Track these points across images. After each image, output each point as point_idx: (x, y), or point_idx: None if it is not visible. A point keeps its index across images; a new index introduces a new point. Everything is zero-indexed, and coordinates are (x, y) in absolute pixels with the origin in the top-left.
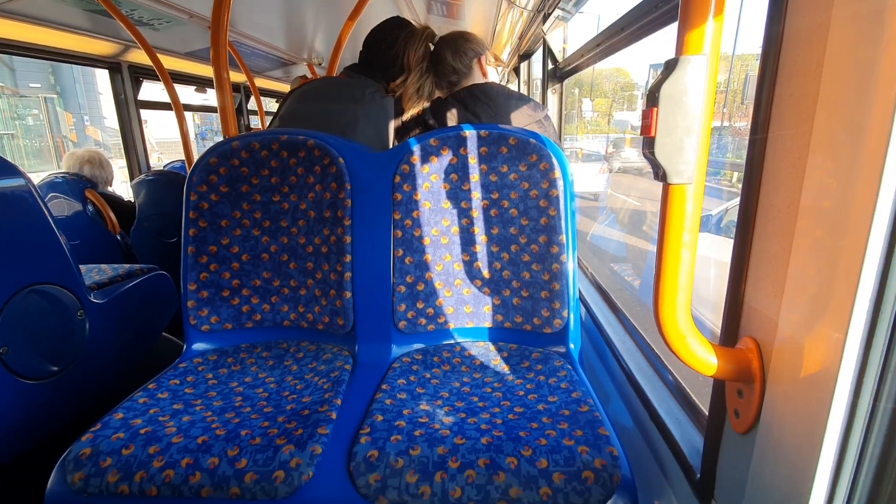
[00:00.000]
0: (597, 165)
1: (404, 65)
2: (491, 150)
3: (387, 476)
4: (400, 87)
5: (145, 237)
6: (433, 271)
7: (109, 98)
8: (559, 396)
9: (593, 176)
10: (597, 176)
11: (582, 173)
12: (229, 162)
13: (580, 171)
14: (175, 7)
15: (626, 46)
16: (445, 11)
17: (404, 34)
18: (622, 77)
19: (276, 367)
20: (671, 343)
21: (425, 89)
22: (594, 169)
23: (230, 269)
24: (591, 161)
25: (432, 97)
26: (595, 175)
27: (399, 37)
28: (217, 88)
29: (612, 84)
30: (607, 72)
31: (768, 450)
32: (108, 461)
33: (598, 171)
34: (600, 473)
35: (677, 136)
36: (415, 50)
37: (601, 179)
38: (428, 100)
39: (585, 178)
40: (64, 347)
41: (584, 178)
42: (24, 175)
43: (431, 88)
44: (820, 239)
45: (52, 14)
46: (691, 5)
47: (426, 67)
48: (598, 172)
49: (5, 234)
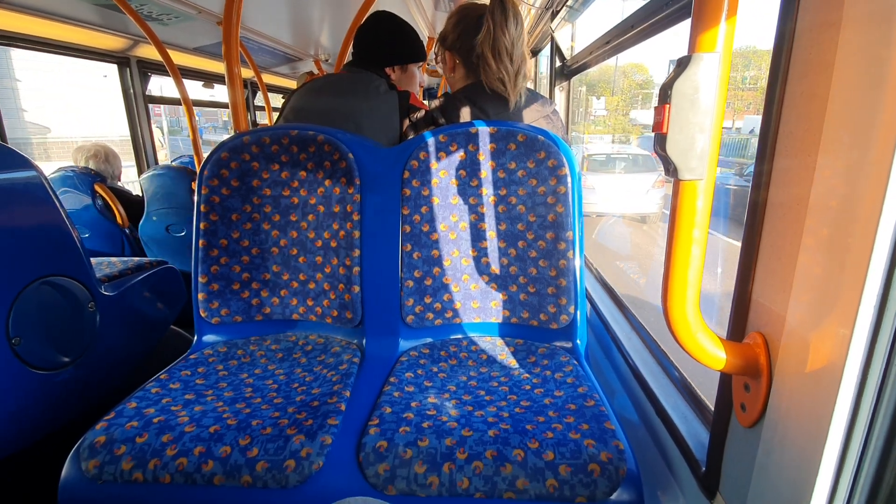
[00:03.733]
0: (649, 178)
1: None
2: (499, 147)
3: (396, 466)
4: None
5: (154, 231)
6: (441, 266)
7: (30, 86)
8: (565, 391)
9: (644, 193)
10: (649, 192)
11: (624, 188)
12: (240, 157)
13: (619, 184)
14: (184, 2)
15: (636, 44)
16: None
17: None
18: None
19: (285, 359)
20: (680, 338)
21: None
22: (646, 182)
23: (240, 263)
24: (639, 170)
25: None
26: (647, 192)
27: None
28: (228, 84)
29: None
30: (624, 68)
31: (774, 443)
32: (122, 449)
33: (651, 186)
34: (606, 466)
35: (689, 133)
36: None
37: (655, 197)
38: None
39: (632, 195)
40: (75, 338)
41: (629, 196)
42: (37, 168)
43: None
44: (828, 236)
45: (61, 8)
46: (705, 4)
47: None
48: (651, 187)
49: (19, 227)
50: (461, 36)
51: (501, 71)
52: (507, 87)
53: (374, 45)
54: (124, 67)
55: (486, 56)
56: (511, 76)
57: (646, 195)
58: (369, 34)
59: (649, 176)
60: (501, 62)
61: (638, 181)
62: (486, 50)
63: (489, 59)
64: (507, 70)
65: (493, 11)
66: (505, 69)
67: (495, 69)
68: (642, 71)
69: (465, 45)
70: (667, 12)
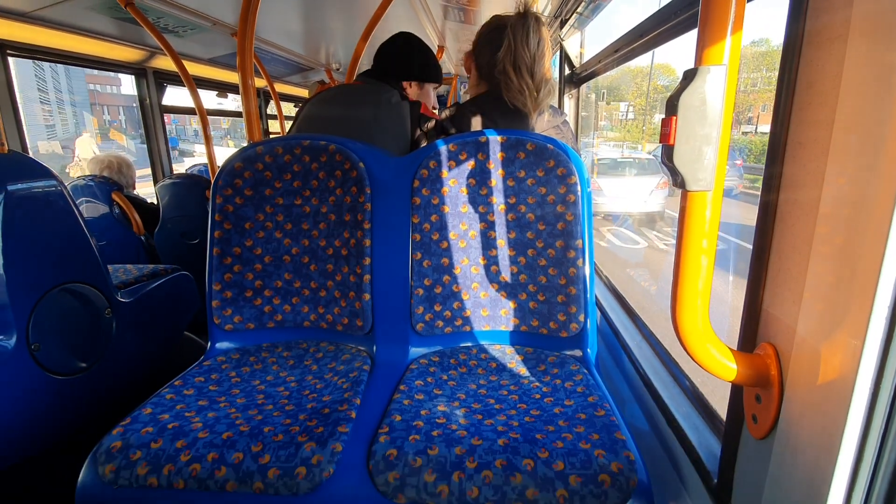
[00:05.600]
0: (653, 180)
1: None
2: (509, 156)
3: (405, 475)
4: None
5: (168, 238)
6: (451, 274)
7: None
8: (575, 400)
9: (648, 194)
10: (653, 193)
11: (630, 190)
12: (253, 166)
13: (626, 186)
14: (200, 14)
15: (645, 52)
16: (462, 17)
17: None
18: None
19: (296, 366)
20: (690, 349)
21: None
22: (650, 184)
23: (253, 271)
24: (644, 173)
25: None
26: (651, 192)
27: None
28: (243, 94)
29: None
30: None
31: (786, 455)
32: (137, 454)
33: (655, 187)
34: (617, 477)
35: (696, 145)
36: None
37: (659, 198)
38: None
39: (637, 196)
40: (92, 344)
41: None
42: (56, 178)
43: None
44: (838, 246)
45: (83, 22)
46: (710, 18)
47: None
48: (655, 188)
49: (39, 235)
50: (479, 44)
51: (522, 86)
52: (528, 102)
53: (397, 59)
54: (141, 78)
55: (508, 71)
56: (532, 91)
57: (650, 196)
58: (394, 49)
59: (654, 178)
60: (522, 77)
61: (642, 183)
62: (507, 65)
63: (510, 73)
64: (528, 85)
65: (515, 26)
66: (526, 84)
67: (516, 84)
68: (669, 73)
69: (482, 55)
70: (674, 21)
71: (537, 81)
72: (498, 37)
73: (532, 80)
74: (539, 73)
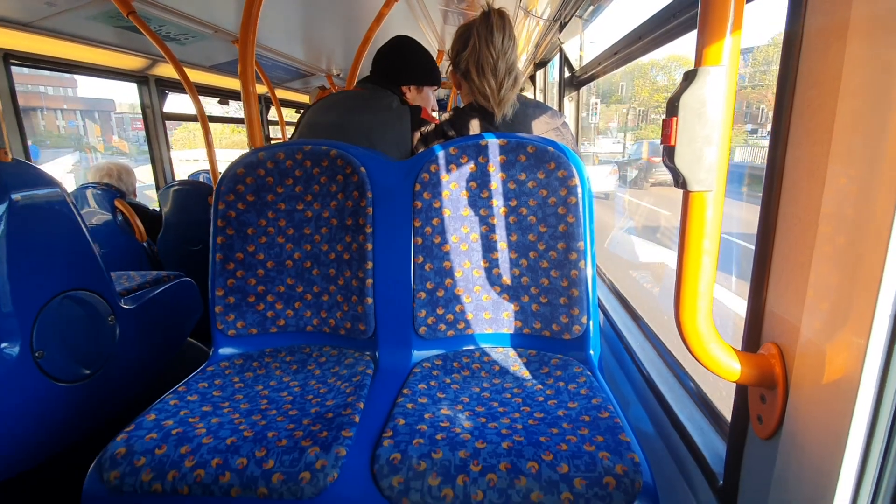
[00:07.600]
0: (607, 167)
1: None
2: (509, 159)
3: (410, 478)
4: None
5: (171, 245)
6: (453, 278)
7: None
8: (579, 402)
9: (604, 177)
10: (607, 177)
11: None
12: (255, 172)
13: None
14: (201, 22)
15: (644, 54)
16: (461, 22)
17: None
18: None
19: (299, 371)
20: (693, 349)
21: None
22: (606, 170)
23: (256, 276)
24: (602, 163)
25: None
26: (606, 176)
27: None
28: (244, 101)
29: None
30: (664, 62)
31: (792, 455)
32: (142, 460)
33: (608, 174)
34: (622, 479)
35: (697, 146)
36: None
37: (612, 181)
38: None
39: (596, 179)
40: (96, 351)
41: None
42: (59, 185)
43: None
44: (841, 245)
45: (85, 31)
46: (710, 19)
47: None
48: (608, 174)
49: (43, 242)
50: (455, 53)
51: (484, 86)
52: (491, 102)
53: (394, 64)
54: (143, 86)
55: (470, 72)
56: (493, 91)
57: (605, 179)
58: (391, 54)
59: (608, 167)
60: (484, 77)
61: (600, 170)
62: (470, 65)
63: (472, 74)
64: (490, 85)
65: (479, 26)
66: (487, 84)
67: (478, 84)
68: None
69: (458, 64)
70: (675, 22)
71: (499, 80)
72: (467, 41)
73: (495, 79)
74: (502, 70)
